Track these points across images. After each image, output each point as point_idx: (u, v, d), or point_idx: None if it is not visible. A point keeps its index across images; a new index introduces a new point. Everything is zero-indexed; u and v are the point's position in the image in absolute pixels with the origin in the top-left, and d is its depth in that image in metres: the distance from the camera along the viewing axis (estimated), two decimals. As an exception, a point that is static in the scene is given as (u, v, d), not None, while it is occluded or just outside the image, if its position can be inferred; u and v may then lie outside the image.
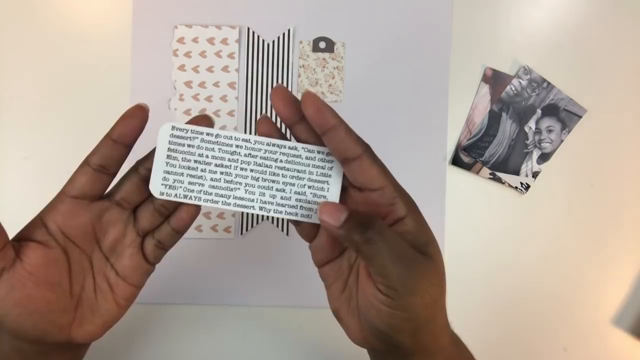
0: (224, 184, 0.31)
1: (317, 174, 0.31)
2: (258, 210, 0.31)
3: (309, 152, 0.31)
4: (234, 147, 0.31)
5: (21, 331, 0.29)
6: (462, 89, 0.56)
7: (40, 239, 0.30)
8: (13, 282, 0.28)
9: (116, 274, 0.32)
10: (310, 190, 0.31)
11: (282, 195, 0.31)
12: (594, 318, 0.55)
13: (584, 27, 0.56)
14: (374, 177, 0.28)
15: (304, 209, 0.31)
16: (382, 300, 0.28)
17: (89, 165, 0.30)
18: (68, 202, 0.30)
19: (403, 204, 0.28)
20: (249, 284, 0.54)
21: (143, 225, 0.32)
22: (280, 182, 0.31)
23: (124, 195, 0.31)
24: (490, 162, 0.55)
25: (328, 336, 0.54)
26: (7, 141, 0.54)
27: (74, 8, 0.55)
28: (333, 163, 0.31)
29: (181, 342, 0.54)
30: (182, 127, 0.31)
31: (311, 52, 0.55)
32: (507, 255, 0.56)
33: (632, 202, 0.56)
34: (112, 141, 0.30)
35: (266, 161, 0.31)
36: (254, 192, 0.31)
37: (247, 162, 0.31)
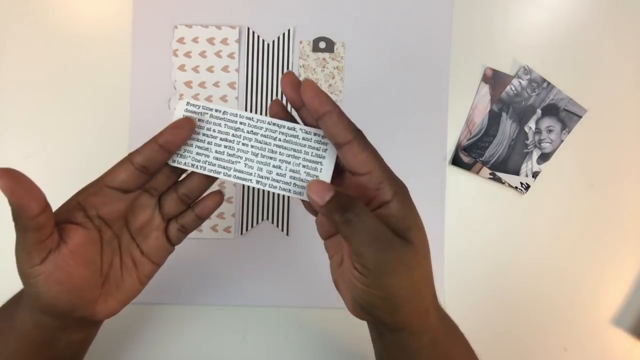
0: (227, 157, 0.34)
1: (312, 154, 0.33)
2: (255, 184, 0.34)
3: (306, 133, 0.33)
4: (238, 124, 0.34)
5: (55, 306, 0.31)
6: (462, 89, 0.56)
7: (80, 221, 0.32)
8: (58, 262, 0.30)
9: (141, 253, 0.35)
10: (304, 169, 0.33)
11: (278, 172, 0.34)
12: (594, 318, 0.55)
13: (584, 27, 0.56)
14: (362, 161, 0.30)
15: (297, 186, 0.33)
16: (357, 278, 0.30)
17: (131, 163, 0.32)
18: (107, 192, 0.33)
19: (389, 189, 0.29)
20: (249, 284, 0.54)
21: (168, 211, 0.35)
22: (277, 159, 0.34)
23: (153, 183, 0.34)
24: (490, 162, 0.55)
25: (328, 336, 0.54)
26: (7, 141, 0.54)
27: (74, 8, 0.55)
28: (327, 146, 0.33)
29: (181, 342, 0.54)
30: (196, 103, 0.34)
31: (311, 52, 0.55)
32: (507, 255, 0.56)
33: (632, 202, 0.56)
34: (159, 146, 0.32)
35: (266, 139, 0.34)
36: (253, 166, 0.34)
37: (248, 139, 0.34)
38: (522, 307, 0.55)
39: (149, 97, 0.54)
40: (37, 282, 0.30)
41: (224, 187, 0.55)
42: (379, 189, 0.30)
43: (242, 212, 0.55)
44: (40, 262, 0.30)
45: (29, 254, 0.30)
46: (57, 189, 0.56)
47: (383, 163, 0.30)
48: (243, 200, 0.55)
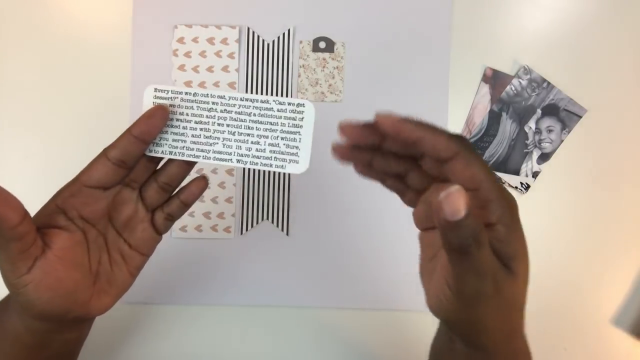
0: (204, 139, 0.33)
1: (288, 125, 0.33)
2: (235, 163, 0.33)
3: (280, 104, 0.32)
4: (210, 104, 0.33)
5: (49, 312, 0.31)
6: (462, 89, 0.56)
7: (62, 224, 0.32)
8: (45, 268, 0.30)
9: (129, 247, 0.35)
10: (283, 142, 0.33)
11: (257, 148, 0.33)
12: (594, 318, 0.55)
13: (584, 27, 0.56)
14: (467, 178, 0.26)
15: (278, 160, 0.33)
16: (447, 296, 0.28)
17: (107, 159, 0.32)
18: (86, 192, 0.32)
19: (498, 209, 0.27)
20: (249, 284, 0.54)
21: (151, 202, 0.35)
22: (255, 135, 0.33)
23: (132, 176, 0.34)
24: (490, 162, 0.55)
25: (328, 336, 0.54)
26: (7, 141, 0.54)
27: (74, 8, 0.55)
28: (304, 114, 0.32)
29: (181, 342, 0.54)
30: (164, 88, 0.33)
31: (311, 52, 0.55)
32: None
33: (632, 202, 0.56)
34: (134, 138, 0.32)
35: (241, 115, 0.33)
36: (231, 145, 0.33)
37: (223, 118, 0.33)
38: (522, 307, 0.55)
39: (149, 97, 0.54)
40: (27, 291, 0.30)
41: (223, 187, 0.55)
42: (486, 207, 0.27)
43: (242, 212, 0.55)
44: (27, 271, 0.29)
45: (15, 265, 0.29)
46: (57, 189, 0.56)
47: (492, 178, 0.27)
48: (243, 200, 0.55)
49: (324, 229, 0.55)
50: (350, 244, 0.55)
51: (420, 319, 0.54)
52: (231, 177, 0.55)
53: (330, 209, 0.55)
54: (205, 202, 0.54)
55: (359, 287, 0.55)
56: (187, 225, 0.54)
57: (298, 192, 0.55)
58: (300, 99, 0.32)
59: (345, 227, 0.55)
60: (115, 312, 0.50)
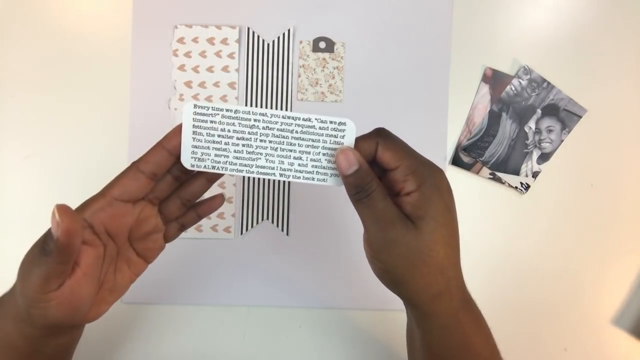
0: (247, 154, 0.34)
1: (330, 142, 0.34)
2: (278, 177, 0.34)
3: (321, 122, 0.34)
4: (252, 121, 0.34)
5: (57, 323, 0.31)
6: (462, 89, 0.56)
7: (88, 239, 0.31)
8: (73, 286, 0.30)
9: (137, 255, 0.35)
10: (325, 157, 0.34)
11: (300, 163, 0.34)
12: (594, 318, 0.55)
13: (584, 27, 0.56)
14: (388, 160, 0.33)
15: (320, 174, 0.34)
16: (365, 249, 0.34)
17: (141, 172, 0.32)
18: (116, 206, 0.32)
19: (414, 182, 0.32)
20: (249, 284, 0.54)
21: (169, 216, 0.36)
22: (297, 150, 0.34)
23: (157, 194, 0.34)
24: (490, 162, 0.55)
25: (328, 336, 0.54)
26: (7, 141, 0.54)
27: (74, 8, 0.55)
28: (345, 132, 0.34)
29: (181, 342, 0.54)
30: (204, 104, 0.34)
31: (311, 52, 0.55)
32: (507, 255, 0.56)
33: (632, 202, 0.56)
34: (167, 152, 0.33)
35: (283, 132, 0.34)
36: (274, 160, 0.34)
37: (265, 134, 0.34)
38: (522, 307, 0.55)
39: (149, 97, 0.54)
40: (49, 306, 0.30)
41: (223, 187, 0.55)
42: (405, 181, 0.32)
43: (242, 212, 0.55)
44: (57, 288, 0.29)
45: (48, 281, 0.29)
46: (57, 189, 0.56)
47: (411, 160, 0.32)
48: (243, 200, 0.55)
49: (324, 229, 0.55)
50: (350, 244, 0.55)
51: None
52: (231, 177, 0.55)
53: (330, 209, 0.55)
54: (205, 202, 0.54)
55: (359, 287, 0.55)
56: (187, 225, 0.54)
57: (298, 192, 0.55)
58: (342, 118, 0.34)
59: (345, 227, 0.55)
60: (114, 312, 0.50)
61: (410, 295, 0.34)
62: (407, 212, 0.32)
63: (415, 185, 0.32)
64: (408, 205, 0.32)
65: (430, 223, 0.32)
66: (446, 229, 0.33)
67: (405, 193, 0.32)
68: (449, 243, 0.33)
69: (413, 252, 0.32)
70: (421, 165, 0.33)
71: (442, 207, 0.32)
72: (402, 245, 0.32)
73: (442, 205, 0.32)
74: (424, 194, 0.32)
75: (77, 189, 0.54)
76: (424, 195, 0.32)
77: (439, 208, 0.32)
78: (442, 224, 0.32)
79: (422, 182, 0.32)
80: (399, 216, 0.32)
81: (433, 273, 0.33)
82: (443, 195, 0.33)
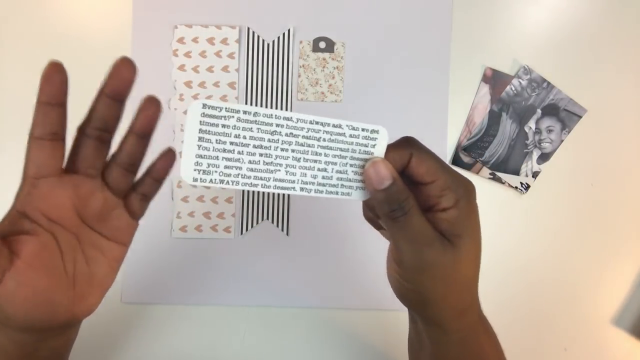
0: (264, 166, 0.29)
1: (359, 152, 0.30)
2: (299, 192, 0.30)
3: (353, 129, 0.30)
4: (274, 127, 0.29)
5: (29, 323, 0.29)
6: (462, 89, 0.56)
7: (27, 229, 0.29)
8: (17, 279, 0.28)
9: (107, 239, 0.33)
10: (351, 168, 0.30)
11: (324, 175, 0.30)
12: (594, 318, 0.55)
13: (584, 27, 0.56)
14: (422, 174, 0.30)
15: (344, 187, 0.31)
16: (395, 269, 0.31)
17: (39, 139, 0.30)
18: (41, 185, 0.30)
19: (452, 198, 0.30)
20: (249, 284, 0.54)
21: (118, 187, 0.32)
22: (323, 161, 0.30)
23: (87, 163, 0.31)
24: (490, 162, 0.55)
25: (328, 336, 0.54)
26: (7, 141, 0.54)
27: (74, 8, 0.55)
28: (376, 140, 0.30)
29: (181, 342, 0.54)
30: (216, 104, 0.28)
31: (311, 52, 0.55)
32: (507, 255, 0.56)
33: (632, 202, 0.56)
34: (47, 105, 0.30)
35: (309, 140, 0.29)
36: (295, 172, 0.30)
37: (288, 142, 0.29)
38: (522, 307, 0.55)
39: (149, 97, 0.54)
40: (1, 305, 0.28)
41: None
42: (441, 196, 0.30)
43: (242, 212, 0.55)
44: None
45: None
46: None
47: (448, 175, 0.30)
48: (243, 200, 0.55)
49: (324, 229, 0.55)
50: (350, 244, 0.55)
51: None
52: (231, 177, 0.55)
53: (330, 209, 0.55)
54: (205, 202, 0.54)
55: (359, 287, 0.55)
56: (187, 225, 0.54)
57: (298, 192, 0.55)
58: (375, 125, 0.30)
59: (345, 227, 0.55)
60: (114, 312, 0.50)
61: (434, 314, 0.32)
62: (443, 229, 0.30)
63: (452, 201, 0.30)
64: (444, 223, 0.30)
65: (467, 241, 0.30)
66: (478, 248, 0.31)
67: (441, 209, 0.30)
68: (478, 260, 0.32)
69: (450, 272, 0.30)
70: (456, 181, 0.30)
71: (477, 224, 0.31)
72: (440, 266, 0.30)
73: (476, 222, 0.31)
74: (462, 211, 0.30)
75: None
76: (461, 213, 0.30)
77: (475, 225, 0.31)
78: (476, 243, 0.31)
79: (459, 199, 0.30)
80: (437, 236, 0.30)
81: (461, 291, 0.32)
82: (477, 213, 0.31)
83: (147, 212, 0.57)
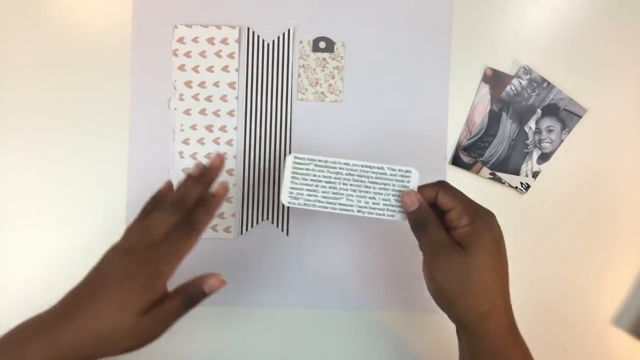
0: (332, 194, 0.42)
1: (398, 185, 0.42)
2: (356, 213, 0.42)
3: (392, 170, 0.42)
4: (337, 169, 0.42)
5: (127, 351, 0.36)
6: (462, 89, 0.56)
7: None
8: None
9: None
10: (393, 197, 0.42)
11: (373, 201, 0.42)
12: (594, 318, 0.55)
13: (584, 27, 0.56)
14: (446, 202, 0.40)
15: (389, 211, 0.42)
16: (423, 270, 0.40)
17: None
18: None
19: (467, 218, 0.39)
20: (249, 284, 0.54)
21: None
22: (372, 192, 0.42)
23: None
24: (490, 162, 0.55)
25: (328, 336, 0.54)
26: (7, 141, 0.54)
27: (74, 8, 0.55)
28: (410, 178, 0.42)
29: (181, 342, 0.54)
30: (301, 156, 0.43)
31: (311, 52, 0.55)
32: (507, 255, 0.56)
33: (632, 202, 0.56)
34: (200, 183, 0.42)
35: (361, 177, 0.42)
36: (353, 199, 0.42)
37: (347, 179, 0.42)
38: (521, 307, 0.55)
39: (149, 97, 0.54)
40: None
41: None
42: (460, 218, 0.39)
43: (242, 212, 0.55)
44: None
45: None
46: (56, 189, 0.56)
47: (466, 203, 0.40)
48: (243, 200, 0.55)
49: (324, 229, 0.55)
50: (350, 244, 0.55)
51: (420, 319, 0.54)
52: (231, 177, 0.55)
53: (330, 209, 0.55)
54: (205, 202, 0.54)
55: (359, 286, 0.55)
56: (187, 225, 0.54)
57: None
58: (408, 167, 0.42)
59: (345, 227, 0.55)
60: (115, 312, 0.50)
61: (459, 313, 0.39)
62: (459, 239, 0.39)
63: (468, 220, 0.39)
64: (459, 235, 0.39)
65: (476, 248, 0.38)
66: (491, 257, 0.38)
67: (459, 227, 0.39)
68: (494, 268, 0.39)
69: (462, 272, 0.38)
70: (474, 207, 0.40)
71: (489, 239, 0.39)
72: (452, 265, 0.38)
73: (489, 237, 0.39)
74: (475, 227, 0.39)
75: (77, 189, 0.54)
76: (474, 228, 0.39)
77: (486, 239, 0.38)
78: (488, 251, 0.38)
79: (474, 219, 0.39)
80: (451, 242, 0.39)
81: (480, 293, 0.38)
82: (492, 231, 0.39)
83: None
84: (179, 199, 0.40)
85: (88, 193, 0.54)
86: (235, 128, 0.55)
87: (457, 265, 0.38)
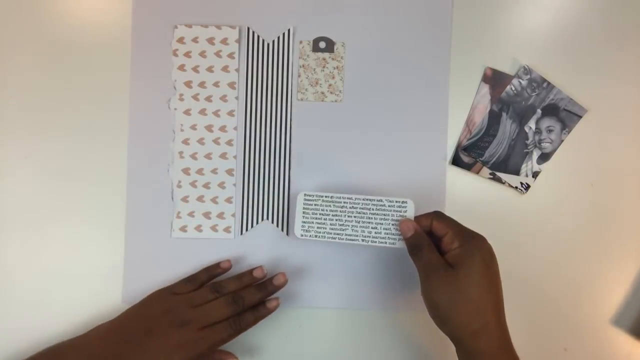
0: (338, 226, 0.48)
1: (396, 215, 0.47)
2: (361, 242, 0.47)
3: (390, 202, 0.47)
4: (342, 203, 0.48)
5: None
6: (462, 89, 0.56)
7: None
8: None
9: None
10: (393, 226, 0.47)
11: (376, 231, 0.47)
12: (594, 318, 0.55)
13: (585, 27, 0.56)
14: (440, 229, 0.45)
15: (390, 239, 0.47)
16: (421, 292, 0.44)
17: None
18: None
19: (458, 242, 0.43)
20: (249, 284, 0.54)
21: None
22: (374, 222, 0.47)
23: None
24: (490, 162, 0.55)
25: (328, 336, 0.54)
26: (7, 141, 0.54)
27: (74, 8, 0.55)
28: (406, 208, 0.47)
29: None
30: (310, 193, 0.49)
31: (311, 52, 0.55)
32: (507, 256, 0.56)
33: (632, 202, 0.56)
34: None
35: (363, 210, 0.48)
36: (357, 229, 0.47)
37: (351, 212, 0.48)
38: (521, 307, 0.55)
39: (148, 97, 0.54)
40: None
41: (223, 187, 0.55)
42: (452, 242, 0.44)
43: (242, 212, 0.55)
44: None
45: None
46: (57, 189, 0.56)
47: (457, 229, 0.44)
48: (243, 200, 0.55)
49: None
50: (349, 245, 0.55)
51: (419, 319, 0.54)
52: (231, 177, 0.55)
53: (330, 209, 0.55)
54: (205, 202, 0.54)
55: (358, 287, 0.55)
56: (187, 225, 0.54)
57: (298, 192, 0.55)
58: (404, 198, 0.47)
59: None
60: (114, 312, 0.50)
61: (452, 330, 0.42)
62: (450, 261, 0.42)
63: (458, 243, 0.43)
64: (450, 257, 0.43)
65: (465, 268, 0.41)
66: (481, 276, 0.41)
67: (452, 249, 0.43)
68: (484, 287, 0.41)
69: (452, 290, 0.41)
70: (465, 232, 0.44)
71: (478, 260, 0.42)
72: (443, 284, 0.41)
73: (478, 259, 0.42)
74: (465, 250, 0.42)
75: (77, 189, 0.54)
76: (464, 250, 0.42)
77: (475, 260, 0.42)
78: (477, 271, 0.41)
79: (464, 242, 0.43)
80: (443, 263, 0.42)
81: (470, 311, 0.41)
82: (481, 253, 0.42)
83: (147, 212, 0.58)
84: (241, 298, 0.47)
85: (88, 193, 0.54)
86: (235, 128, 0.55)
87: (447, 284, 0.41)
